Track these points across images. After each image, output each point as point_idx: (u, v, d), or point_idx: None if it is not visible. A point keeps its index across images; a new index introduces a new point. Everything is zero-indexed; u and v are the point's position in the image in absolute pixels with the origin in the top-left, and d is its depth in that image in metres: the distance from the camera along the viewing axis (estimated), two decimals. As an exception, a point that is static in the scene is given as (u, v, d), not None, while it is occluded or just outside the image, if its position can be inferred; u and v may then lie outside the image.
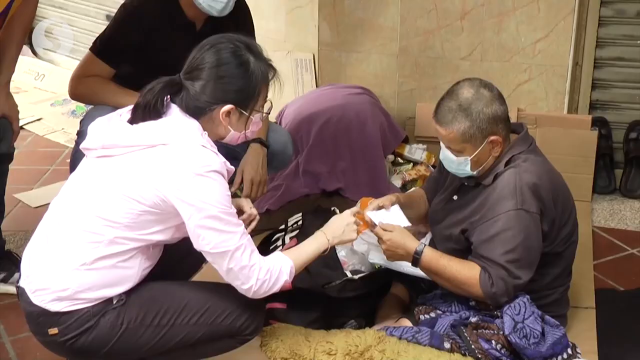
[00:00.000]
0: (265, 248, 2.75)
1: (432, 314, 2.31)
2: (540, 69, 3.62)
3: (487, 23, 3.65)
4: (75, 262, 1.91)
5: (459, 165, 2.25)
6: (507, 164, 2.22)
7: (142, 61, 2.74)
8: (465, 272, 2.21)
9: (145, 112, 1.95)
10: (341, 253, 2.54)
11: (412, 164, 3.64)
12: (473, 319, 2.25)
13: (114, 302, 1.96)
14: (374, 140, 3.50)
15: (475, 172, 2.26)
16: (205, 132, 1.97)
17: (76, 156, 2.64)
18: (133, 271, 1.96)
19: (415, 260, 2.26)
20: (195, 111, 1.98)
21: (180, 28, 2.77)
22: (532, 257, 2.17)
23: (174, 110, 1.98)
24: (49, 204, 2.08)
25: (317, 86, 3.97)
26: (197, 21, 2.78)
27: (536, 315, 2.20)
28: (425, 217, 2.61)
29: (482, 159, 2.23)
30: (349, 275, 2.47)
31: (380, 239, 2.29)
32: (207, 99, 1.97)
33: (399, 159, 3.70)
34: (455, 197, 2.37)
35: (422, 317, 2.32)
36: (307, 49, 4.00)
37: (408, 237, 2.28)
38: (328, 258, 2.44)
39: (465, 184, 2.33)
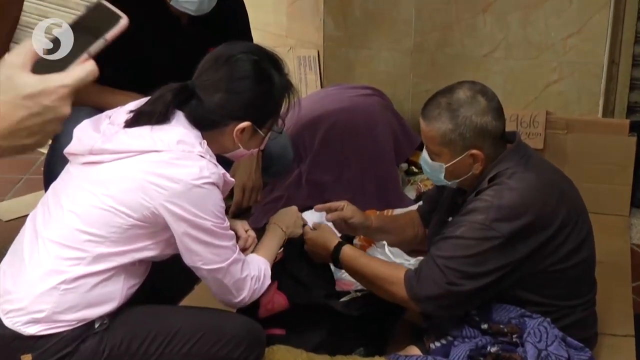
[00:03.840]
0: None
1: (444, 341, 2.31)
2: (571, 68, 3.64)
3: (512, 16, 3.67)
4: (53, 281, 1.92)
5: (433, 170, 2.29)
6: (491, 180, 2.23)
7: (124, 58, 2.77)
8: (389, 270, 2.29)
9: (151, 120, 1.98)
10: (346, 273, 2.55)
11: (428, 173, 3.65)
12: (492, 349, 2.25)
13: (96, 326, 1.97)
14: (385, 146, 3.52)
15: (450, 183, 2.30)
16: (205, 141, 2.00)
17: (52, 161, 2.65)
18: (117, 290, 1.98)
19: (335, 259, 2.37)
20: (205, 123, 2.02)
21: (164, 22, 2.80)
22: (480, 271, 2.17)
23: (178, 118, 2.02)
24: (22, 217, 2.10)
25: (322, 86, 3.99)
26: (182, 15, 2.81)
27: (559, 339, 2.21)
28: (414, 243, 2.70)
29: (459, 172, 2.26)
30: (353, 293, 2.48)
31: (304, 237, 2.42)
32: (223, 113, 2.02)
33: (413, 167, 3.71)
34: (450, 219, 2.39)
35: (432, 345, 2.32)
36: (311, 45, 4.02)
37: (330, 236, 2.41)
38: (320, 270, 2.48)
39: (457, 202, 2.36)
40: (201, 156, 1.94)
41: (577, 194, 2.36)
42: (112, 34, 1.05)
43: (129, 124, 2.00)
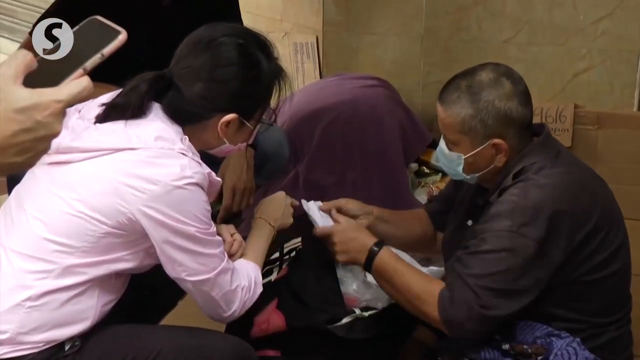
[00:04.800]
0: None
1: (459, 363, 2.30)
2: (603, 55, 3.63)
3: (536, -3, 3.67)
4: (17, 297, 1.90)
5: (450, 162, 2.28)
6: (516, 176, 2.22)
7: None
8: (424, 284, 2.23)
9: (125, 114, 1.97)
10: (352, 287, 2.53)
11: (440, 174, 3.64)
12: (514, 373, 2.24)
13: (66, 347, 1.95)
14: (392, 144, 3.52)
15: (469, 177, 2.29)
16: (186, 137, 1.99)
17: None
18: (90, 307, 1.96)
19: (371, 257, 2.29)
20: (185, 116, 2.01)
21: (139, 2, 2.78)
22: (517, 288, 2.15)
23: (156, 111, 2.00)
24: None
25: (321, 76, 3.99)
26: None
27: (589, 362, 2.20)
28: (422, 242, 2.67)
29: (480, 164, 2.24)
30: (358, 312, 2.46)
31: (328, 239, 2.36)
32: (205, 104, 2.01)
33: (424, 167, 3.71)
34: (469, 223, 2.37)
35: (446, 367, 2.30)
36: (309, 30, 4.01)
37: (366, 232, 2.38)
38: (328, 290, 2.45)
39: (478, 204, 2.33)
40: (182, 154, 1.93)
41: (611, 196, 2.35)
42: (109, 49, 1.10)
43: (101, 118, 1.98)
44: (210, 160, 2.61)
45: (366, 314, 2.44)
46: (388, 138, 3.52)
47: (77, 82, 1.06)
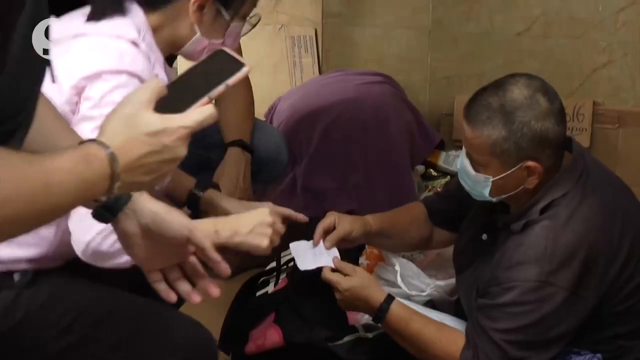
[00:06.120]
0: (249, 293, 2.74)
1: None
2: (624, 49, 3.62)
3: (551, -14, 3.67)
4: None
5: (475, 183, 2.23)
6: (544, 210, 2.18)
7: None
8: (443, 343, 2.23)
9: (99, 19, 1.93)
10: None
11: (449, 177, 3.63)
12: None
13: (16, 279, 1.85)
14: (397, 145, 3.52)
15: (494, 199, 2.25)
16: (150, 29, 1.94)
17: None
18: (48, 229, 1.83)
19: (378, 317, 2.28)
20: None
21: None
22: (547, 338, 2.15)
23: (136, 11, 1.95)
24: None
25: (320, 72, 3.98)
26: None
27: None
28: (418, 246, 2.67)
29: (509, 187, 2.20)
30: (361, 331, 2.45)
31: (335, 287, 2.30)
32: None
33: (431, 170, 3.71)
34: (484, 237, 2.35)
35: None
36: (308, 22, 4.00)
37: (372, 287, 2.31)
38: (329, 304, 2.43)
39: (497, 223, 2.30)
40: (133, 42, 1.88)
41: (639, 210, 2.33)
42: (234, 79, 1.24)
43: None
44: (202, 165, 2.59)
45: (370, 334, 2.42)
46: (393, 139, 3.52)
47: (203, 109, 1.21)
